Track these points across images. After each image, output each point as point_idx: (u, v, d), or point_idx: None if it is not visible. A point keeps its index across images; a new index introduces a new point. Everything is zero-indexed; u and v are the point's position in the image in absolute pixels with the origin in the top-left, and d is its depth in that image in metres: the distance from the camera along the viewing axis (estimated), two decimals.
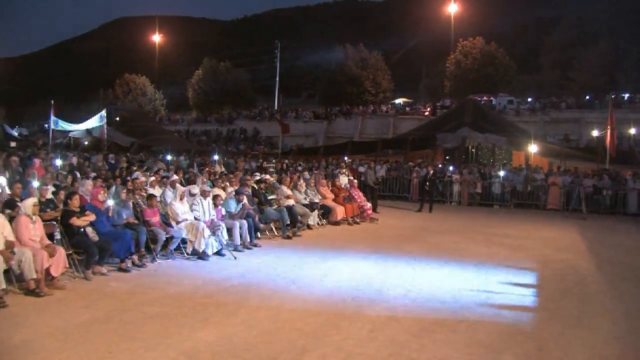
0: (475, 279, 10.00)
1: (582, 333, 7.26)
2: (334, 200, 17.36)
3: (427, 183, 21.40)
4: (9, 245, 7.97)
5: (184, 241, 11.28)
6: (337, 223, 16.64)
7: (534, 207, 23.85)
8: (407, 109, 57.25)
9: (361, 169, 25.69)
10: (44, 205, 9.76)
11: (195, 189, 12.95)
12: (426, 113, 52.29)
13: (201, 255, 11.12)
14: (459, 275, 10.33)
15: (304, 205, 15.64)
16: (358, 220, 17.39)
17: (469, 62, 60.44)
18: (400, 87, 72.87)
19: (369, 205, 18.37)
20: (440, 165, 26.44)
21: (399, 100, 63.68)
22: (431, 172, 21.74)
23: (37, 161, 15.99)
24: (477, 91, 52.63)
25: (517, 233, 16.22)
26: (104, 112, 35.15)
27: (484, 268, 10.99)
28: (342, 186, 18.17)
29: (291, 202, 15.07)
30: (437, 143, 31.62)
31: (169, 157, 26.75)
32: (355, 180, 19.63)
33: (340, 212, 16.83)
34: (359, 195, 18.42)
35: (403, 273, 10.38)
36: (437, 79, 68.43)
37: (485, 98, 50.15)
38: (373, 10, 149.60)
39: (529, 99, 52.79)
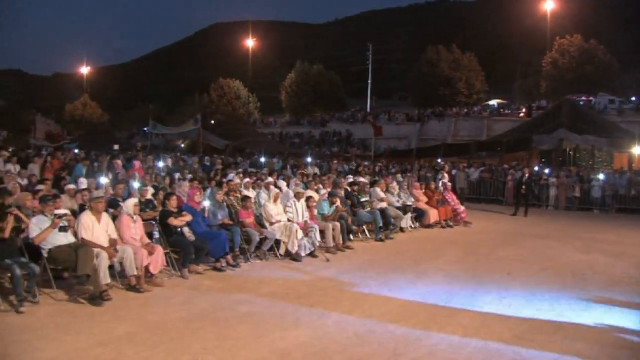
0: (574, 286, 9.60)
1: None
2: (428, 203, 17.15)
3: (523, 186, 20.86)
4: (113, 243, 8.42)
5: (277, 242, 11.42)
6: (430, 226, 16.45)
7: (638, 212, 22.53)
8: (502, 110, 55.99)
9: (453, 172, 25.34)
10: (143, 206, 10.19)
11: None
12: (521, 114, 50.96)
13: (294, 257, 11.26)
14: (556, 281, 9.95)
15: (397, 208, 15.52)
16: (452, 224, 17.09)
17: (567, 61, 58.43)
18: (495, 88, 71.39)
19: (462, 208, 18.05)
20: (536, 168, 25.68)
21: (493, 102, 62.36)
22: (527, 175, 21.18)
23: (137, 163, 16.60)
24: (575, 91, 50.84)
25: (619, 239, 15.47)
26: (199, 116, 36.38)
27: (582, 275, 10.55)
28: (438, 189, 17.97)
29: (384, 204, 15.00)
30: (533, 145, 30.83)
31: (262, 160, 27.24)
32: (450, 183, 19.36)
33: (433, 215, 16.63)
34: (452, 198, 18.15)
35: (497, 278, 10.14)
36: (533, 79, 66.54)
37: (584, 98, 48.43)
38: (466, 10, 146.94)
39: (633, 98, 50.40)
